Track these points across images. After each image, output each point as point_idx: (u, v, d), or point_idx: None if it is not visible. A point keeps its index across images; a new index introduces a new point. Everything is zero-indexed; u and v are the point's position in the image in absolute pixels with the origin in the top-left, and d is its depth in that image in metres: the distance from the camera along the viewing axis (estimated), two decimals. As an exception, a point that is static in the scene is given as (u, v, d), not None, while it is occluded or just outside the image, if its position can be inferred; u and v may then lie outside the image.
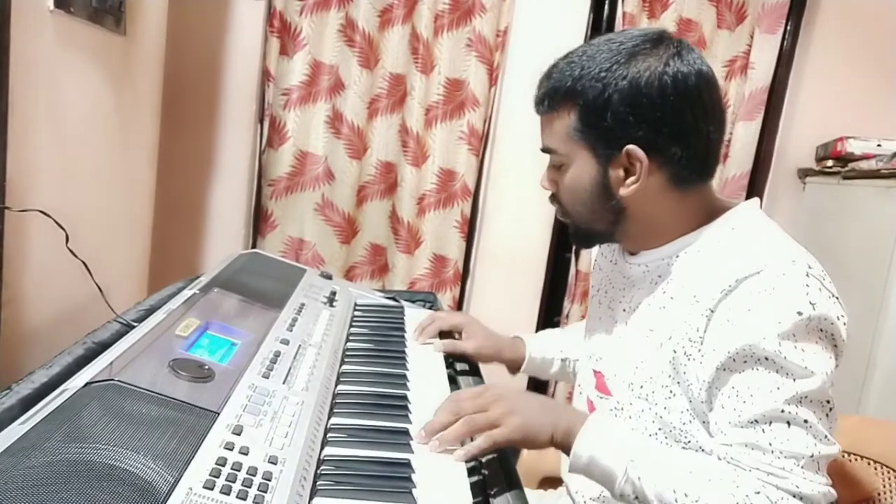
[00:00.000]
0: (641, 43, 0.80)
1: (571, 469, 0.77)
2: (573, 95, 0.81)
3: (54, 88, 1.17)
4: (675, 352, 0.80)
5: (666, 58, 0.79)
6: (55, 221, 1.00)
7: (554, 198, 0.91)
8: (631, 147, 0.79)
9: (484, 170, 2.20)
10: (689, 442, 0.80)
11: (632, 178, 0.81)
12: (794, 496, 0.67)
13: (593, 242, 0.97)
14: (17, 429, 0.60)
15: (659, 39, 0.81)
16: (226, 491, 0.57)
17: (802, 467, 0.68)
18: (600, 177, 0.83)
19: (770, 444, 0.69)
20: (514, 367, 1.17)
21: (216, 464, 0.60)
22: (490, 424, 0.76)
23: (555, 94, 0.83)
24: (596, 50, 0.81)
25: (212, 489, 0.57)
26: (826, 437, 0.70)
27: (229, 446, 0.64)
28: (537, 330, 2.28)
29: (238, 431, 0.66)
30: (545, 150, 0.88)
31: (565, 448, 0.78)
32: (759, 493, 0.67)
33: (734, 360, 0.72)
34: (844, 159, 2.09)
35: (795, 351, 0.70)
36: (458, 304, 2.27)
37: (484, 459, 0.78)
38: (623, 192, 0.82)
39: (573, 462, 0.76)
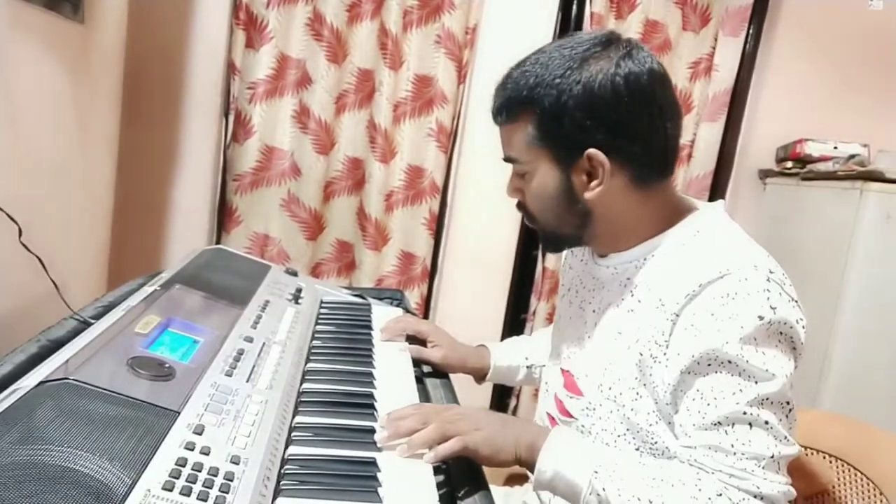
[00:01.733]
0: (592, 46, 0.80)
1: (536, 486, 0.77)
2: (529, 104, 0.81)
3: (7, 77, 1.13)
4: (641, 354, 0.81)
5: (617, 59, 0.79)
6: (7, 215, 0.96)
7: (521, 205, 0.91)
8: (591, 151, 0.80)
9: (452, 167, 2.20)
10: (655, 443, 0.81)
11: (595, 182, 0.82)
12: (755, 497, 0.68)
13: (563, 247, 0.98)
14: (-35, 430, 0.58)
15: (608, 41, 0.81)
16: (186, 492, 0.56)
17: (763, 468, 0.70)
18: (563, 183, 0.83)
19: (732, 446, 0.70)
20: (479, 377, 1.17)
21: (176, 464, 0.59)
22: (459, 432, 0.77)
23: (511, 104, 0.83)
24: (548, 57, 0.81)
25: (171, 490, 0.56)
26: (786, 437, 0.71)
27: (190, 446, 0.62)
28: (504, 326, 2.30)
29: (199, 431, 0.65)
30: (507, 159, 0.88)
31: (529, 464, 0.78)
32: (721, 494, 0.68)
33: (698, 363, 0.74)
34: (803, 161, 2.15)
35: (757, 354, 0.72)
36: (426, 302, 2.26)
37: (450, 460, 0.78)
38: (587, 195, 0.83)
39: (538, 478, 0.76)
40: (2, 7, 1.09)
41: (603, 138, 0.80)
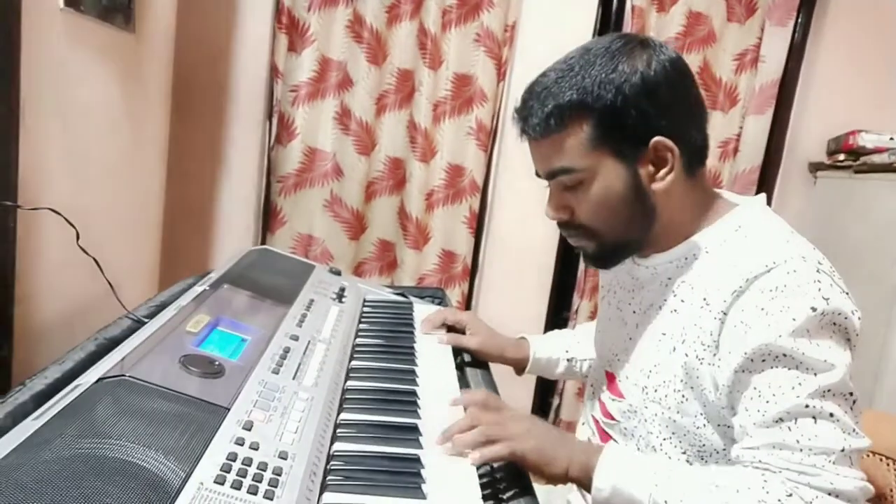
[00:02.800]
0: (625, 43, 0.80)
1: None
2: (583, 107, 0.79)
3: (64, 86, 1.18)
4: (687, 356, 0.79)
5: (652, 50, 0.80)
6: (66, 219, 1.00)
7: (568, 224, 0.87)
8: (659, 138, 0.79)
9: (492, 165, 2.20)
10: (703, 446, 0.79)
11: (664, 170, 0.81)
12: (829, 494, 0.65)
13: (620, 258, 0.90)
14: (30, 424, 0.61)
15: (631, 38, 0.82)
16: (236, 486, 0.58)
17: (834, 463, 0.66)
18: (632, 178, 0.81)
19: (798, 442, 0.67)
20: (519, 368, 1.17)
21: (227, 459, 0.61)
22: (507, 437, 0.76)
23: (558, 111, 0.79)
24: (583, 61, 0.80)
25: (222, 484, 0.57)
26: (854, 429, 0.68)
27: (240, 441, 0.64)
28: (546, 324, 2.29)
29: (248, 427, 0.67)
30: (553, 174, 0.84)
31: (584, 483, 0.76)
32: (791, 495, 0.65)
33: (752, 360, 0.72)
34: (856, 153, 2.07)
35: (812, 346, 0.69)
36: (467, 300, 2.27)
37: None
38: (656, 186, 0.81)
39: (595, 497, 0.74)
40: (59, 20, 1.14)
41: (665, 124, 0.79)
